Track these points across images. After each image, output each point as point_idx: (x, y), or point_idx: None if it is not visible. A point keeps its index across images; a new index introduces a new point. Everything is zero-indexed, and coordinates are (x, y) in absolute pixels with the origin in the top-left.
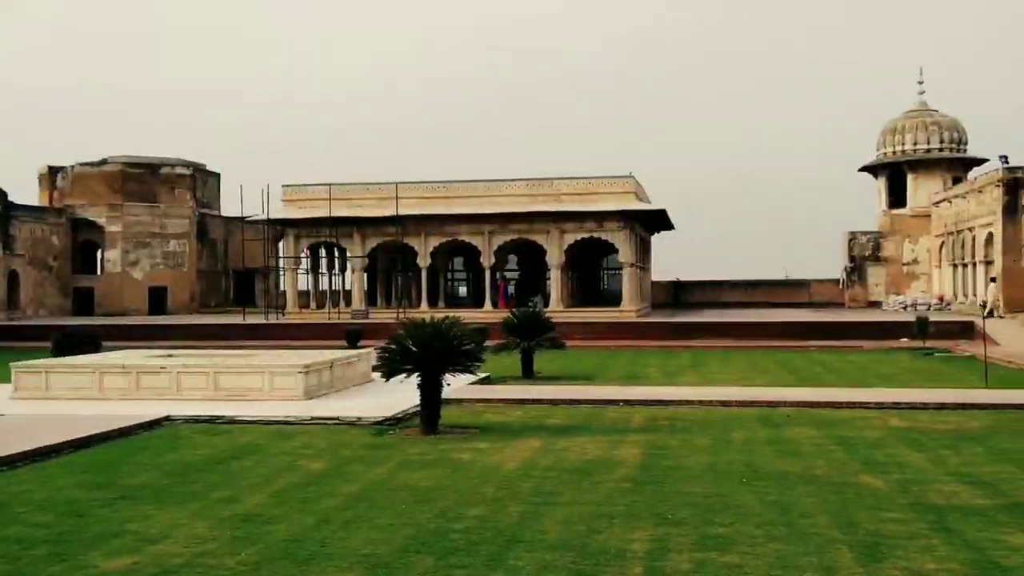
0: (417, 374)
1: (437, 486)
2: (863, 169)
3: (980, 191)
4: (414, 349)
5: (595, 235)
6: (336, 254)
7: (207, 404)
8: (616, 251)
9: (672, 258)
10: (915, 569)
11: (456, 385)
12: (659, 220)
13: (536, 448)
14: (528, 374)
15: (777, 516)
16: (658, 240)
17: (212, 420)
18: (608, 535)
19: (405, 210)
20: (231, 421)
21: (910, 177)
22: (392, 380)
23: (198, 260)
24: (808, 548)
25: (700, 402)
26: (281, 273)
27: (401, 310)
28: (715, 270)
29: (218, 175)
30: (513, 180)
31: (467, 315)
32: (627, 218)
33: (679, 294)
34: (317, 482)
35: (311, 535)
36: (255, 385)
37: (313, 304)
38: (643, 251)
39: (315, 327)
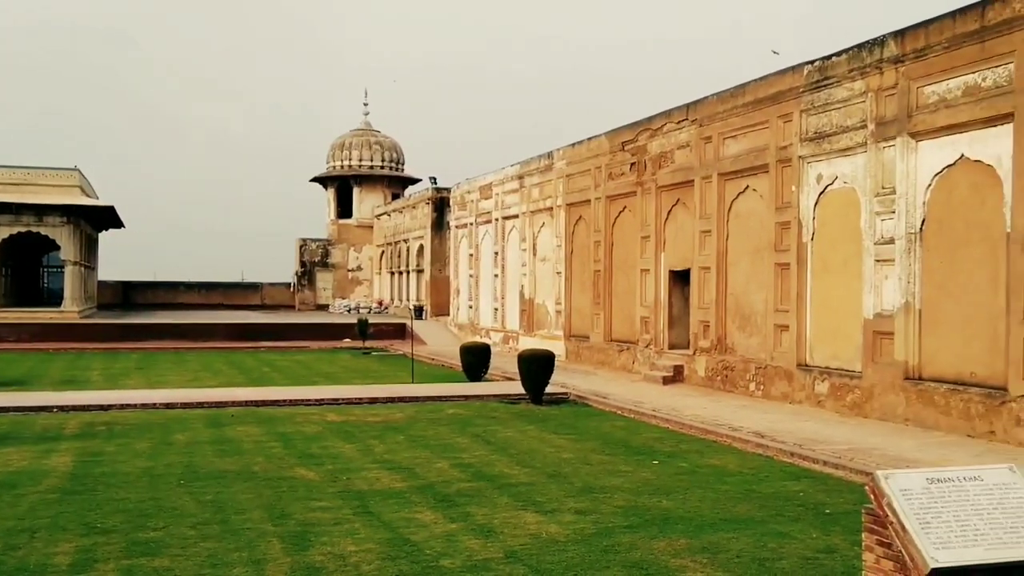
0: None
1: None
2: (314, 180)
3: (414, 207)
4: None
5: (34, 230)
6: None
7: None
8: (58, 248)
9: (127, 258)
10: (337, 553)
11: None
12: (108, 217)
13: None
14: None
15: (212, 515)
16: (109, 239)
17: None
18: (28, 550)
19: None
20: None
21: (356, 190)
22: None
23: None
24: (240, 543)
25: (143, 405)
26: None
27: None
28: (172, 271)
29: None
30: None
31: None
32: (71, 213)
33: (130, 295)
34: None
35: None
36: None
37: None
38: (89, 249)
39: None
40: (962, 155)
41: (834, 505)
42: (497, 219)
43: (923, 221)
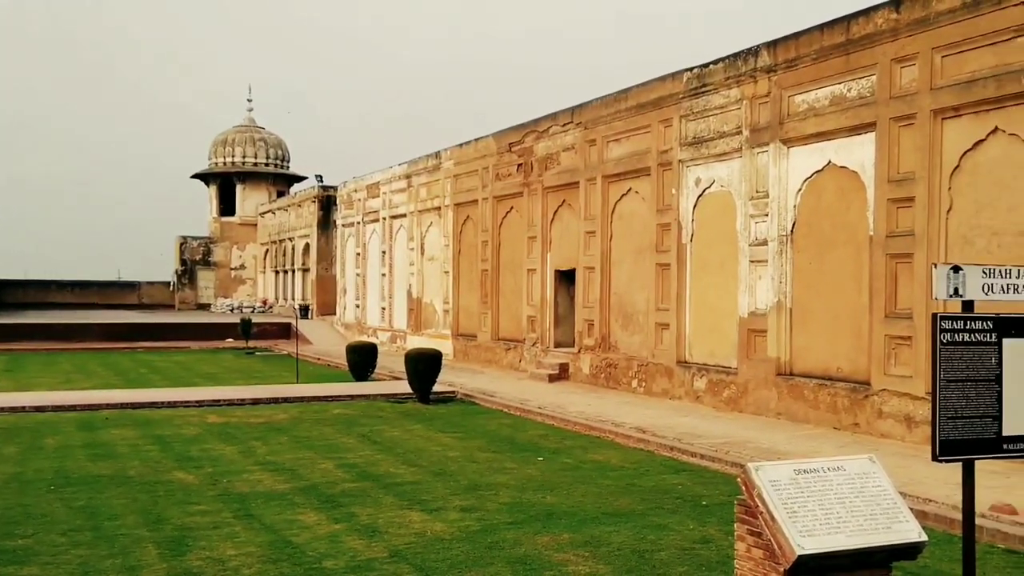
0: None
1: None
2: (196, 176)
3: (300, 205)
4: None
5: None
6: None
7: None
8: None
9: None
10: (216, 557)
11: None
12: None
13: None
14: None
15: (84, 521)
16: None
17: None
18: None
19: None
20: None
21: (239, 187)
22: None
23: None
24: (113, 550)
25: (11, 408)
26: None
27: None
28: (44, 270)
29: None
30: None
31: None
32: None
33: None
34: None
35: None
36: None
37: None
38: None
39: None
40: (829, 161)
41: (710, 497)
42: (385, 218)
43: (794, 224)
